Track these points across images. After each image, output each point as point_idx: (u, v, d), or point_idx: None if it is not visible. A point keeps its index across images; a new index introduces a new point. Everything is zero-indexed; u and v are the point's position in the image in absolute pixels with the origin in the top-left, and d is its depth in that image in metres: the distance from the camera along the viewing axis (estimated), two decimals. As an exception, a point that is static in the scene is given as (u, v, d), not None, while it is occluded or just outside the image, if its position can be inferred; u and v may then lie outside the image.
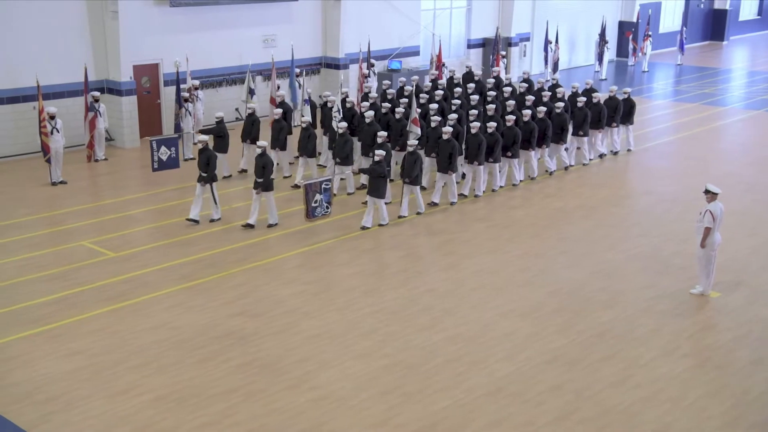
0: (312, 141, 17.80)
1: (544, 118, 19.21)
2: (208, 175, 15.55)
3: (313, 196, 14.87)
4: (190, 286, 13.32)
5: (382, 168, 15.58)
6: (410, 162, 16.25)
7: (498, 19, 31.02)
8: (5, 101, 19.64)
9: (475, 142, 17.56)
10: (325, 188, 15.08)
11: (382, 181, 15.64)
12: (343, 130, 17.35)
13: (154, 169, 16.95)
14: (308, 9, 25.16)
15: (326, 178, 15.29)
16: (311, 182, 14.94)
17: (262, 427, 9.61)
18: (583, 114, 20.19)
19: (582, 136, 20.40)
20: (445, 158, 16.94)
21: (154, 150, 16.77)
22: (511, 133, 18.30)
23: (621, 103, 21.05)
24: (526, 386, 10.58)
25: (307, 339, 11.70)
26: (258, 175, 15.40)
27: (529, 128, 18.78)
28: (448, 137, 16.97)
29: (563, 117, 19.67)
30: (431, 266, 14.43)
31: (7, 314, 12.20)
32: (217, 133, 18.17)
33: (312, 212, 14.96)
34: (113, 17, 20.60)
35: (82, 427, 9.51)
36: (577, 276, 14.07)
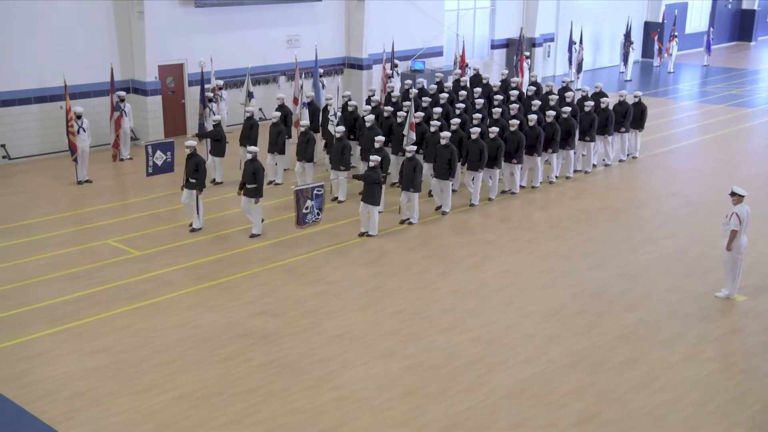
0: (311, 146, 17.40)
1: (552, 122, 18.56)
2: (197, 182, 15.04)
3: (304, 202, 14.43)
4: (212, 285, 13.39)
5: (377, 174, 15.09)
6: (409, 168, 15.74)
7: (522, 19, 30.89)
8: (33, 101, 19.87)
9: (475, 149, 16.91)
10: (317, 194, 14.62)
11: (377, 187, 15.13)
12: (340, 134, 16.89)
13: (149, 173, 16.58)
14: (332, 9, 25.21)
15: (318, 184, 14.79)
16: (302, 188, 14.49)
17: (283, 426, 9.64)
18: (590, 119, 19.48)
19: (588, 142, 19.65)
20: (443, 164, 16.32)
21: (149, 155, 16.43)
22: (515, 138, 17.64)
23: (631, 107, 20.30)
24: (548, 388, 10.51)
25: (329, 339, 11.71)
26: (249, 181, 14.89)
27: (534, 133, 18.11)
28: (446, 142, 16.33)
29: (570, 122, 18.99)
30: (454, 267, 14.39)
31: (32, 311, 12.34)
32: (214, 136, 17.80)
33: (302, 219, 14.54)
34: (139, 17, 20.77)
35: (106, 423, 9.59)
36: (601, 278, 13.96)
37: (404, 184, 15.92)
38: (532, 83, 22.43)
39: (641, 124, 20.76)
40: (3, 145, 19.49)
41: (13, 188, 18.07)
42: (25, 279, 13.39)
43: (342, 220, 16.28)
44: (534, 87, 21.61)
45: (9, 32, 19.17)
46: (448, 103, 19.75)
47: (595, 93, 20.84)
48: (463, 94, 20.40)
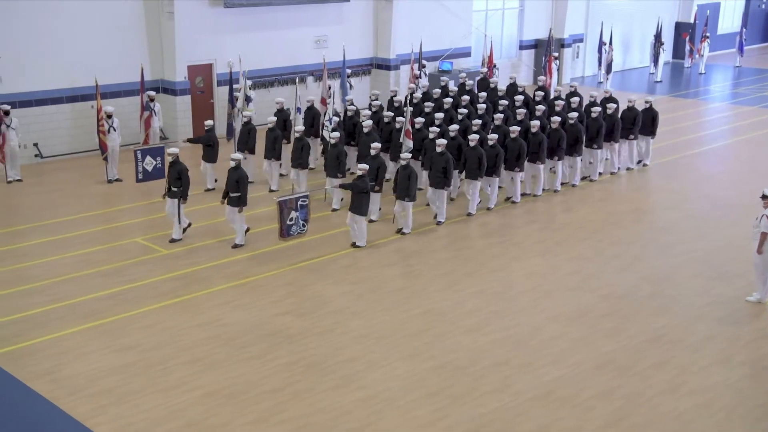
0: (305, 152, 16.92)
1: (557, 128, 17.85)
2: (179, 191, 14.60)
3: (288, 213, 14.07)
4: (239, 284, 13.47)
5: (365, 183, 14.53)
6: (403, 176, 15.19)
7: (551, 19, 30.71)
8: (65, 100, 20.14)
9: (474, 156, 16.32)
10: (302, 205, 14.24)
11: (365, 197, 14.57)
12: (335, 140, 16.41)
13: (138, 179, 16.45)
14: (360, 9, 25.26)
15: (303, 194, 14.42)
16: (286, 199, 14.09)
17: (309, 425, 9.67)
18: (597, 125, 18.72)
19: (595, 149, 18.99)
20: (439, 172, 15.81)
21: (138, 160, 16.29)
22: (515, 145, 17.01)
23: (640, 113, 19.53)
24: (575, 391, 10.44)
25: (355, 339, 11.73)
26: (233, 189, 14.47)
27: (537, 140, 17.45)
28: (442, 150, 15.76)
29: (577, 128, 18.21)
30: (480, 268, 14.34)
31: (62, 308, 12.51)
32: (206, 142, 17.38)
33: (287, 231, 14.17)
34: (169, 18, 20.97)
35: (134, 420, 9.69)
36: (629, 280, 13.84)
37: (398, 192, 15.35)
38: (539, 88, 21.80)
39: (653, 130, 19.93)
40: (35, 144, 19.78)
41: (45, 186, 18.32)
42: (56, 276, 13.58)
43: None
44: (542, 92, 20.89)
45: (42, 33, 19.44)
46: (453, 108, 19.14)
47: (604, 98, 20.24)
48: (466, 98, 19.62)
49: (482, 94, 20.52)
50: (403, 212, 15.55)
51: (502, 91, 21.23)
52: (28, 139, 19.51)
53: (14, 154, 18.40)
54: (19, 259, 14.21)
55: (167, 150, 14.97)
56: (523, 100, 19.90)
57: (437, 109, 18.98)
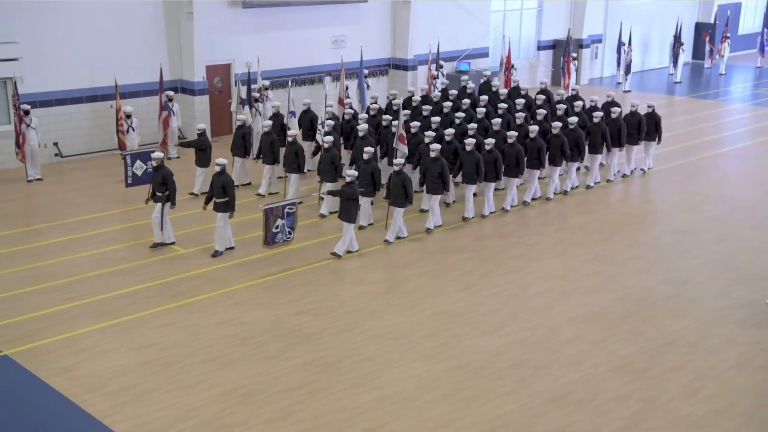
0: (299, 156, 16.50)
1: (558, 134, 17.37)
2: (164, 195, 14.35)
3: (274, 221, 13.81)
4: (256, 283, 13.52)
5: (353, 190, 14.20)
6: (396, 182, 14.87)
7: (569, 20, 30.58)
8: (84, 100, 20.29)
9: (470, 161, 15.98)
10: (288, 213, 13.97)
11: (354, 203, 14.22)
12: (328, 144, 15.92)
13: (128, 184, 16.32)
14: (378, 10, 25.27)
15: (290, 202, 14.13)
16: (272, 206, 13.82)
17: (325, 425, 9.69)
18: (600, 130, 18.27)
19: (596, 154, 18.50)
20: (434, 178, 15.49)
21: (128, 165, 16.17)
22: (513, 150, 16.58)
23: (644, 118, 19.01)
24: (591, 393, 10.39)
25: (371, 339, 11.74)
26: (218, 195, 14.20)
27: (535, 146, 17.00)
28: (436, 155, 15.46)
29: (577, 133, 17.73)
30: (497, 269, 14.30)
31: (81, 306, 12.61)
32: (198, 146, 17.08)
33: (272, 239, 13.90)
34: (188, 18, 21.08)
35: (152, 418, 9.75)
36: (647, 282, 13.75)
37: (391, 199, 15.01)
38: (541, 91, 20.90)
39: (657, 136, 19.43)
40: (56, 143, 19.95)
41: (65, 185, 18.47)
42: (75, 274, 13.69)
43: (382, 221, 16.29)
44: (543, 95, 20.31)
45: (62, 33, 19.61)
46: (452, 112, 18.72)
47: (606, 102, 19.70)
48: (466, 102, 19.31)
49: (483, 97, 20.03)
50: (390, 219, 15.16)
51: (525, 90, 20.93)
52: (48, 139, 19.68)
53: (34, 154, 18.57)
54: (38, 258, 14.34)
55: (152, 155, 14.77)
56: (525, 103, 19.42)
57: (437, 113, 18.64)
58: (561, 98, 20.10)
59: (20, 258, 14.31)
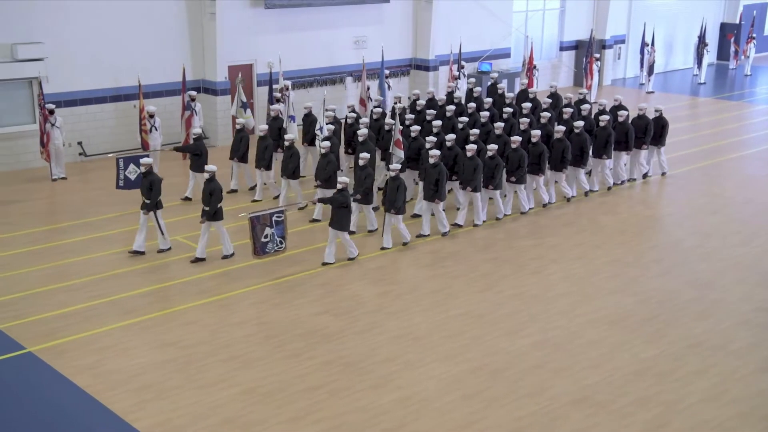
0: (294, 161, 16.29)
1: (562, 138, 16.97)
2: (152, 202, 14.16)
3: (262, 230, 13.45)
4: (277, 283, 13.56)
5: (344, 197, 13.88)
6: (392, 188, 14.53)
7: (592, 20, 30.41)
8: (108, 100, 20.46)
9: (470, 167, 15.58)
10: (277, 221, 13.61)
11: (345, 211, 13.94)
12: (325, 150, 15.58)
13: (119, 186, 16.05)
14: (400, 10, 25.27)
15: (278, 210, 13.75)
16: (258, 215, 13.48)
17: (345, 424, 9.70)
18: (606, 134, 17.82)
19: (604, 159, 18.06)
20: (431, 184, 15.10)
21: (120, 168, 15.88)
22: (516, 156, 16.22)
23: (651, 122, 18.56)
24: (613, 396, 10.33)
25: (391, 339, 11.74)
26: (205, 202, 13.99)
27: (537, 150, 16.62)
28: (435, 161, 15.08)
29: (583, 137, 17.37)
30: (518, 271, 14.25)
31: (105, 304, 12.72)
32: (194, 151, 16.77)
33: (262, 248, 13.56)
34: (211, 18, 21.20)
35: (173, 416, 9.81)
36: (670, 285, 13.64)
37: (387, 205, 14.72)
38: (550, 95, 20.60)
39: (662, 140, 18.92)
40: (80, 143, 20.14)
41: (89, 184, 18.64)
42: (99, 272, 13.81)
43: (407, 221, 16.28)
44: (550, 99, 19.99)
45: (86, 33, 19.78)
46: (455, 116, 18.33)
47: (614, 106, 19.30)
48: (472, 106, 18.91)
49: (488, 99, 19.62)
50: (394, 225, 14.93)
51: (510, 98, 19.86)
52: (72, 138, 19.87)
53: (59, 153, 18.76)
54: (63, 256, 14.48)
55: (141, 160, 14.53)
56: (531, 107, 18.94)
57: (439, 117, 18.26)
58: (569, 101, 19.41)
59: (45, 256, 14.46)
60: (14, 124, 19.26)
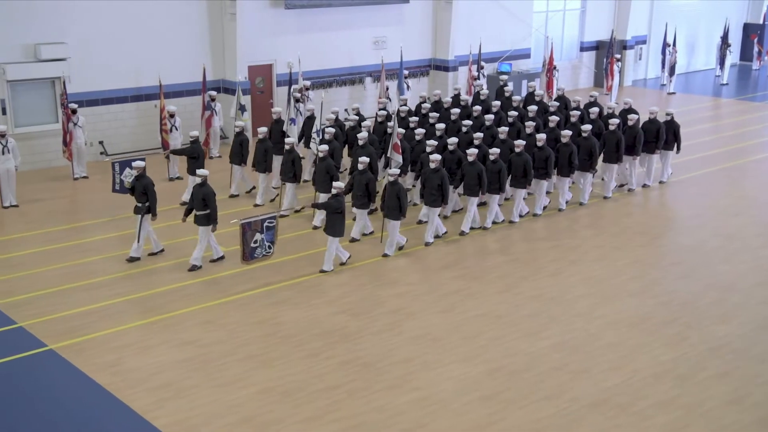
0: (296, 165, 16.03)
1: (568, 142, 16.55)
2: (143, 206, 13.97)
3: (252, 235, 13.22)
4: (295, 282, 13.59)
5: (338, 203, 13.62)
6: (390, 194, 14.27)
7: (613, 21, 30.22)
8: (129, 99, 20.61)
9: (473, 172, 15.24)
10: (268, 227, 13.38)
11: (339, 217, 13.65)
12: (324, 153, 15.43)
13: (114, 190, 15.95)
14: (419, 10, 25.25)
15: (270, 215, 13.51)
16: (250, 221, 13.23)
17: (363, 424, 9.70)
18: (615, 138, 17.41)
19: (612, 163, 17.70)
20: (432, 189, 14.82)
21: (116, 172, 15.76)
22: (520, 160, 15.85)
23: (663, 126, 18.13)
24: (633, 399, 10.25)
25: (409, 340, 11.72)
26: (198, 207, 13.81)
27: (543, 155, 16.24)
28: (436, 166, 14.77)
29: (591, 141, 16.97)
30: (537, 272, 14.18)
31: (125, 303, 12.80)
32: (191, 153, 16.46)
33: (250, 254, 13.29)
34: (231, 19, 21.29)
35: (192, 414, 9.85)
36: (691, 287, 13.52)
37: (386, 211, 14.50)
38: (557, 98, 20.28)
39: (672, 145, 18.51)
40: (101, 142, 20.29)
41: (109, 184, 18.71)
42: (120, 271, 13.90)
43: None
44: (558, 102, 19.61)
45: (109, 33, 19.93)
46: (460, 120, 17.96)
47: (624, 110, 18.84)
48: (477, 109, 18.53)
49: (495, 103, 19.33)
50: (385, 232, 14.75)
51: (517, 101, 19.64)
52: (93, 137, 20.03)
53: (81, 152, 18.92)
54: (84, 254, 14.59)
55: (133, 163, 14.37)
56: (538, 110, 18.73)
57: (441, 119, 18.00)
58: (577, 104, 19.02)
59: (65, 254, 14.58)
60: (37, 124, 19.45)
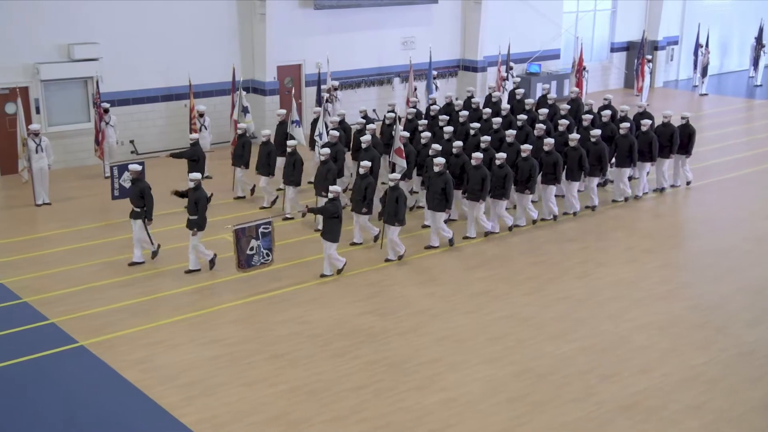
0: (298, 168, 15.86)
1: (577, 146, 16.24)
2: (142, 211, 13.82)
3: (248, 242, 12.95)
4: (323, 282, 13.63)
5: (335, 207, 13.33)
6: (391, 199, 14.02)
7: (645, 21, 29.94)
8: (160, 99, 20.83)
9: (477, 177, 14.91)
10: (264, 233, 13.08)
11: (336, 221, 13.37)
12: (325, 156, 15.13)
13: (114, 196, 15.59)
14: (448, 11, 25.21)
15: (265, 221, 13.20)
16: (244, 227, 12.96)
17: (389, 424, 9.71)
18: (628, 143, 17.03)
19: (625, 168, 17.28)
20: (436, 194, 14.52)
21: (114, 176, 15.41)
22: (527, 165, 15.52)
23: (677, 130, 17.78)
24: (662, 403, 10.15)
25: (436, 341, 11.71)
26: (190, 212, 13.57)
27: (551, 160, 15.92)
28: (440, 170, 14.43)
29: (600, 147, 16.61)
30: (564, 274, 14.10)
31: (155, 300, 12.94)
32: (191, 156, 16.35)
33: (247, 261, 13.05)
34: (261, 19, 21.42)
35: (220, 412, 9.93)
36: (723, 291, 13.36)
37: (386, 216, 14.24)
38: (570, 101, 19.91)
39: (689, 149, 18.15)
40: (132, 141, 20.52)
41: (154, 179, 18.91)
42: (150, 269, 14.05)
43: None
44: (569, 105, 19.15)
45: (139, 34, 20.15)
46: (469, 122, 17.72)
47: (639, 113, 18.49)
48: (487, 112, 18.36)
49: (506, 105, 19.07)
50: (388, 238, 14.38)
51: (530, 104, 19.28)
52: (124, 136, 20.27)
53: (112, 151, 19.16)
54: (115, 252, 14.76)
55: (129, 167, 14.24)
56: (548, 113, 18.39)
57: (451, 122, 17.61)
58: (589, 108, 18.66)
59: (97, 252, 14.76)
60: (70, 123, 19.73)
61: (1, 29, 18.43)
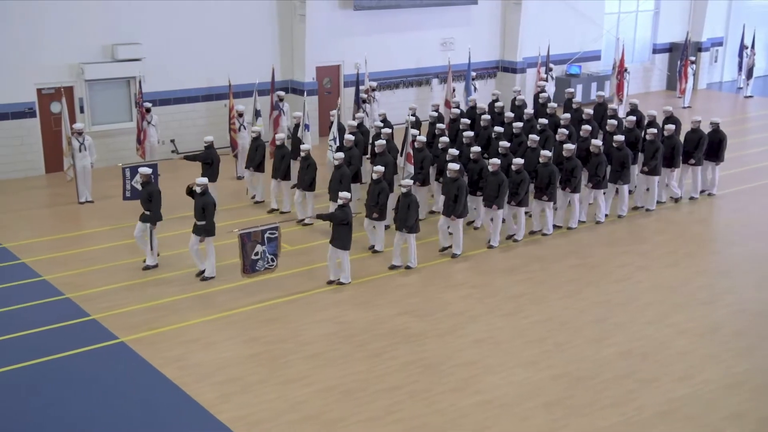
0: (311, 172, 15.66)
1: (599, 153, 15.85)
2: (153, 214, 13.75)
3: (253, 247, 12.79)
4: (359, 282, 13.65)
5: (345, 214, 13.08)
6: (403, 205, 13.79)
7: (688, 22, 29.45)
8: (200, 99, 21.05)
9: (494, 183, 14.61)
10: (270, 238, 12.93)
11: (346, 228, 13.12)
12: (339, 161, 15.03)
13: (126, 197, 15.62)
14: (488, 11, 25.07)
15: (271, 227, 13.00)
16: (249, 231, 12.82)
17: (424, 426, 9.68)
18: (654, 148, 16.48)
19: (650, 174, 16.71)
20: (450, 200, 14.26)
21: (126, 178, 15.42)
22: (546, 171, 15.17)
23: (705, 136, 17.23)
24: (703, 410, 9.97)
25: (473, 343, 11.65)
26: (198, 217, 13.45)
27: (571, 165, 15.50)
28: (454, 176, 14.18)
29: (623, 153, 16.15)
30: (604, 277, 13.93)
31: (193, 298, 13.07)
32: (205, 159, 16.22)
33: (251, 266, 12.87)
34: (300, 20, 21.53)
35: (256, 410, 9.99)
36: (765, 297, 13.10)
37: (398, 223, 13.95)
38: (597, 105, 19.47)
39: (719, 156, 17.65)
40: (172, 140, 20.76)
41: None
42: (188, 267, 14.19)
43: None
44: (592, 111, 18.62)
45: (181, 34, 20.38)
46: (491, 127, 17.31)
47: (667, 118, 17.96)
48: (510, 116, 17.83)
49: (528, 110, 18.62)
50: (405, 245, 14.12)
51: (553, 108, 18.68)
52: (165, 136, 20.51)
53: (153, 150, 19.39)
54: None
55: (139, 170, 14.22)
56: (572, 119, 17.88)
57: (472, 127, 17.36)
58: (614, 113, 18.20)
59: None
60: (113, 122, 20.04)
61: (48, 30, 18.78)
